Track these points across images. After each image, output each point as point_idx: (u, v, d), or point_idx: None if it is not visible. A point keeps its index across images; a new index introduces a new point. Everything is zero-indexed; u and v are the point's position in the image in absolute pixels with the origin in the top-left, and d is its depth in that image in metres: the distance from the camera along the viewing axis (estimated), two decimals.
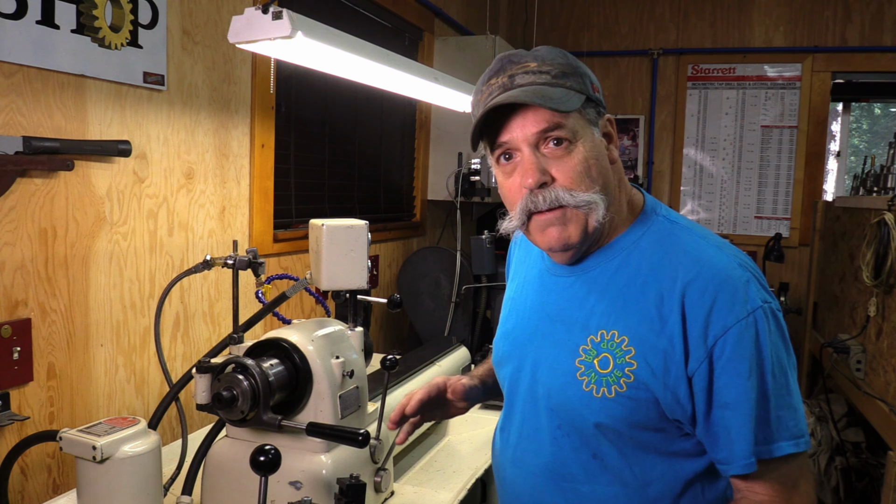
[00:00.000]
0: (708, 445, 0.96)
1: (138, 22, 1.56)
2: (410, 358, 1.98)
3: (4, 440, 1.36)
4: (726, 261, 0.96)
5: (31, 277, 1.39)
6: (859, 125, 7.47)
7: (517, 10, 4.21)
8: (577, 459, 1.02)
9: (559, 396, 1.03)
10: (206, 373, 1.24)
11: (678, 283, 0.94)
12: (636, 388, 0.95)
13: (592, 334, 1.00)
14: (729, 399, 0.92)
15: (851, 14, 3.69)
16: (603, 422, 0.98)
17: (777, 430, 0.92)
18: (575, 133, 0.96)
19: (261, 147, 2.03)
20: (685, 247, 0.98)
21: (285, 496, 1.23)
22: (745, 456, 0.92)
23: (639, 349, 0.95)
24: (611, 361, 0.97)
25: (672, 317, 0.94)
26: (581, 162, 0.96)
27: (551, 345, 1.05)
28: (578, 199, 0.96)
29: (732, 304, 0.91)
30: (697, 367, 0.92)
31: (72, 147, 1.41)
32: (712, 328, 0.92)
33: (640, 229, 1.03)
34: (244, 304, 1.97)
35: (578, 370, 1.00)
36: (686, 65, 3.97)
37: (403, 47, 2.97)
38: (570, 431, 1.02)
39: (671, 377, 0.94)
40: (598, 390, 0.97)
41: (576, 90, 0.97)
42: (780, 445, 0.92)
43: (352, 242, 1.33)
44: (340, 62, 1.48)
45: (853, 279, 2.67)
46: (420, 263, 2.85)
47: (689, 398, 0.94)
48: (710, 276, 0.93)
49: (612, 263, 1.02)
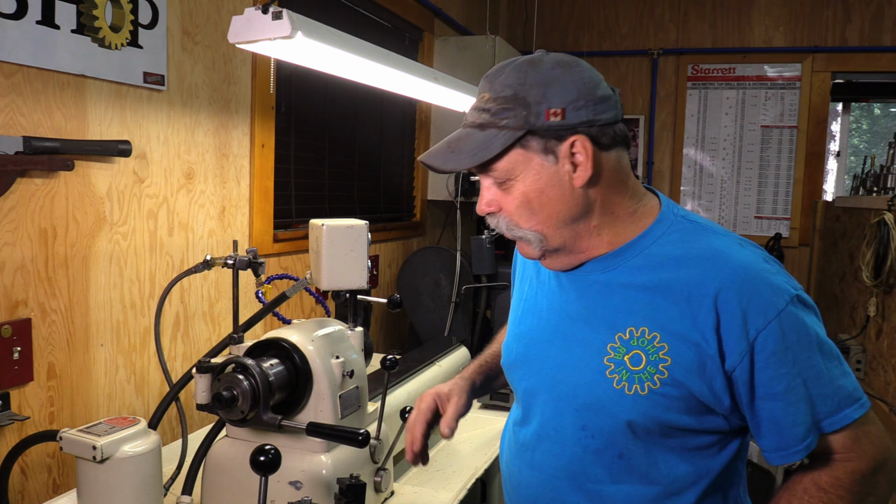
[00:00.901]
0: (755, 433, 0.98)
1: (138, 22, 1.56)
2: (410, 358, 1.98)
3: (4, 440, 1.36)
4: (752, 256, 0.97)
5: (31, 277, 1.39)
6: (859, 125, 7.47)
7: (517, 10, 4.21)
8: (602, 460, 1.01)
9: (587, 396, 1.01)
10: (206, 373, 1.24)
11: (709, 280, 0.95)
12: (670, 384, 0.95)
13: (621, 332, 0.99)
14: (778, 390, 0.93)
15: (851, 14, 3.69)
16: (635, 419, 0.97)
17: (840, 400, 0.94)
18: (508, 172, 0.99)
19: (261, 147, 2.03)
20: (710, 244, 0.99)
21: (285, 496, 1.23)
22: (801, 439, 0.93)
23: (671, 345, 0.95)
24: (643, 358, 0.97)
25: (703, 313, 0.94)
26: (518, 198, 0.99)
27: (576, 344, 1.04)
28: (514, 233, 1.02)
29: (771, 297, 0.93)
30: (739, 361, 0.93)
31: (72, 147, 1.41)
32: (752, 322, 0.92)
33: (660, 229, 1.03)
34: (244, 304, 1.97)
35: (608, 368, 0.99)
36: (686, 65, 3.97)
37: (403, 47, 2.97)
38: (595, 432, 1.01)
39: (707, 371, 0.94)
40: (631, 387, 0.97)
41: (511, 127, 0.96)
42: (846, 413, 0.94)
43: (352, 242, 1.33)
44: (340, 62, 1.48)
45: (853, 279, 2.67)
46: (420, 263, 2.85)
47: (726, 391, 0.95)
48: (744, 272, 0.94)
49: (632, 262, 1.02)
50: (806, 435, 0.93)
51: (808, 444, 0.93)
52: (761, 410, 0.95)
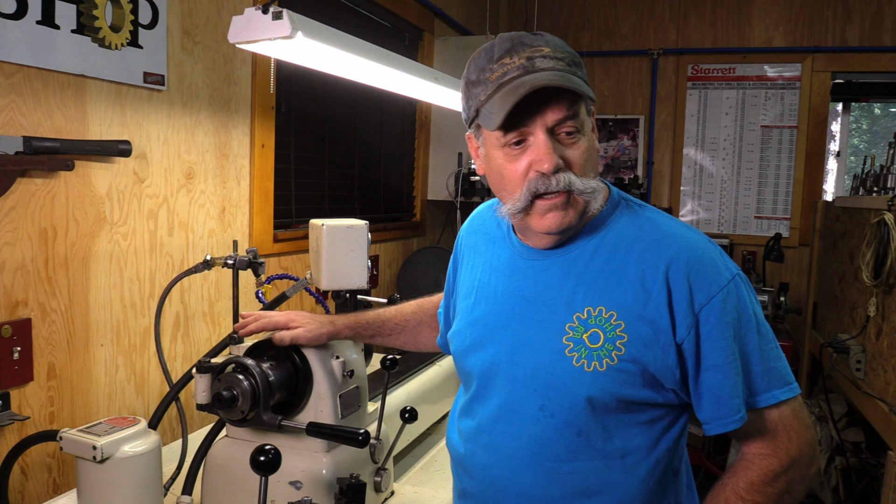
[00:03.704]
0: (696, 406, 1.02)
1: (138, 22, 1.56)
2: (410, 358, 1.98)
3: (4, 440, 1.36)
4: (698, 237, 1.04)
5: (31, 277, 1.39)
6: (859, 125, 7.47)
7: (517, 10, 4.21)
8: (561, 438, 1.03)
9: (546, 375, 1.03)
10: (206, 373, 1.24)
11: (660, 259, 1.00)
12: (627, 360, 0.99)
13: (578, 312, 1.02)
14: (718, 361, 0.98)
15: (851, 14, 3.69)
16: (594, 395, 1.00)
17: (770, 380, 1.00)
18: (582, 124, 1.00)
19: (261, 147, 2.03)
20: (659, 226, 1.05)
21: (285, 496, 1.23)
22: (736, 410, 0.99)
23: (628, 322, 1.00)
24: (601, 336, 1.00)
25: (656, 289, 0.99)
26: (586, 150, 1.01)
27: (533, 326, 1.06)
28: (587, 185, 1.00)
29: (714, 275, 0.99)
30: (686, 334, 0.98)
31: (72, 147, 1.41)
32: (697, 297, 0.98)
33: (610, 212, 1.08)
34: (244, 304, 1.97)
35: (567, 347, 1.02)
36: (686, 65, 3.97)
37: (403, 47, 2.97)
38: (554, 411, 1.03)
39: (660, 345, 0.99)
40: (590, 364, 1.00)
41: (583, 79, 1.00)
42: (774, 394, 1.00)
43: (352, 242, 1.33)
44: (340, 62, 1.48)
45: (853, 279, 2.67)
46: (420, 263, 2.85)
47: (678, 364, 1.00)
48: (690, 251, 1.00)
49: (589, 244, 1.06)
50: (740, 407, 0.99)
51: (741, 416, 0.99)
52: (703, 381, 1.00)
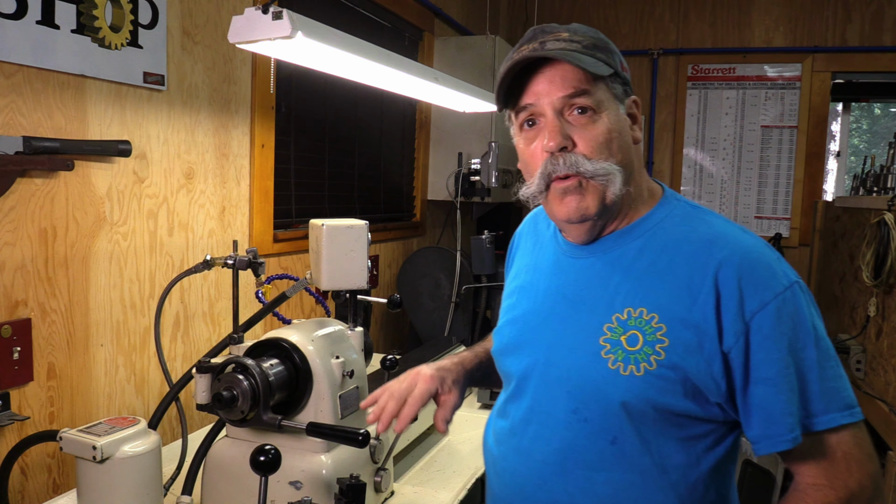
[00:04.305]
0: (745, 423, 0.95)
1: (138, 22, 1.56)
2: (410, 358, 1.98)
3: (4, 440, 1.36)
4: (754, 241, 0.97)
5: (31, 277, 1.39)
6: (859, 125, 7.47)
7: (517, 10, 4.21)
8: (594, 446, 0.98)
9: (580, 377, 0.99)
10: (206, 373, 1.24)
11: (710, 260, 0.94)
12: (666, 366, 0.93)
13: (618, 312, 0.98)
14: (770, 374, 0.91)
15: (851, 14, 3.68)
16: (629, 401, 0.95)
17: (829, 401, 0.91)
18: (600, 103, 0.97)
19: (261, 147, 2.03)
20: (712, 227, 0.99)
21: (285, 496, 1.23)
22: (789, 430, 0.90)
23: (670, 326, 0.94)
24: (640, 338, 0.95)
25: (703, 292, 0.93)
26: (603, 132, 0.97)
27: (571, 326, 1.02)
28: (596, 167, 0.96)
29: (770, 280, 0.92)
30: (735, 342, 0.92)
31: (72, 147, 1.40)
32: (749, 303, 0.91)
33: (663, 211, 1.03)
34: (244, 304, 1.97)
35: (603, 348, 0.97)
36: (686, 65, 3.97)
37: (403, 47, 2.97)
38: (588, 416, 0.98)
39: (704, 353, 0.93)
40: (626, 367, 0.95)
41: (604, 62, 0.98)
42: (834, 417, 0.91)
43: (352, 242, 1.33)
44: (340, 62, 1.48)
45: (853, 279, 2.67)
46: (420, 263, 2.85)
47: (724, 375, 0.93)
48: (744, 253, 0.94)
49: (635, 243, 1.01)
50: (794, 426, 0.91)
51: (794, 437, 0.91)
52: (753, 395, 0.92)
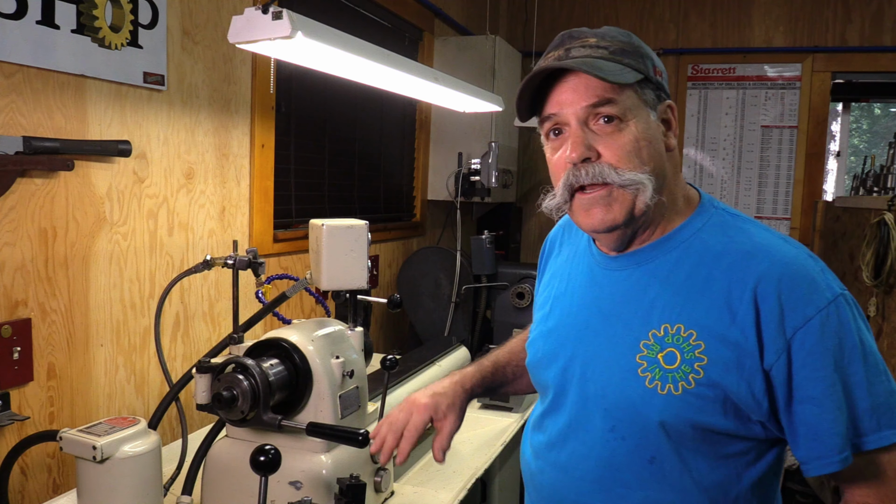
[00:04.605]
0: (792, 444, 0.92)
1: (138, 22, 1.56)
2: (410, 358, 1.98)
3: (4, 440, 1.36)
4: (796, 252, 0.93)
5: (31, 277, 1.39)
6: (859, 125, 7.47)
7: (517, 10, 4.21)
8: (632, 465, 0.96)
9: (616, 395, 0.96)
10: (206, 373, 1.24)
11: (749, 273, 0.91)
12: (705, 384, 0.90)
13: (654, 328, 0.95)
14: (815, 393, 0.87)
15: (851, 14, 3.68)
16: (667, 420, 0.92)
17: (881, 417, 0.87)
18: (627, 111, 0.94)
19: (261, 147, 2.03)
20: (752, 237, 0.95)
21: (285, 496, 1.23)
22: (838, 451, 0.87)
23: (708, 343, 0.91)
24: (678, 356, 0.92)
25: (743, 308, 0.90)
26: (631, 141, 0.93)
27: (606, 341, 0.99)
28: (624, 177, 0.92)
29: (812, 294, 0.88)
30: (776, 359, 0.88)
31: (72, 147, 1.40)
32: (790, 319, 0.88)
33: (700, 221, 1.00)
34: (244, 304, 1.97)
35: (640, 366, 0.94)
36: (686, 65, 3.97)
37: (403, 47, 2.97)
38: (626, 434, 0.96)
39: (745, 371, 0.89)
40: (664, 387, 0.92)
41: (633, 68, 0.95)
42: (886, 434, 0.87)
43: (352, 242, 1.33)
44: (340, 62, 1.48)
45: (853, 279, 2.67)
46: (420, 263, 2.85)
47: (765, 393, 0.90)
48: (784, 266, 0.90)
49: (671, 255, 0.98)
50: (843, 447, 0.87)
51: (844, 458, 0.87)
52: (797, 414, 0.89)
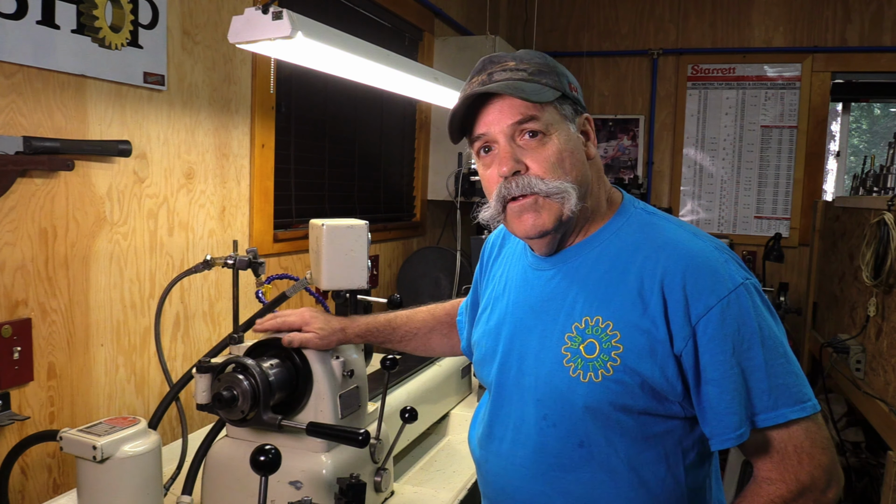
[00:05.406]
0: (701, 421, 1.00)
1: (138, 22, 1.56)
2: (410, 358, 1.98)
3: (4, 440, 1.36)
4: (703, 245, 1.01)
5: (31, 277, 1.39)
6: (859, 125, 7.48)
7: (517, 10, 4.21)
8: (563, 449, 1.04)
9: (546, 386, 1.05)
10: (206, 373, 1.24)
11: (658, 266, 0.99)
12: (622, 371, 0.98)
13: (577, 321, 1.03)
14: (715, 375, 0.96)
15: (851, 14, 3.69)
16: (591, 406, 1.00)
17: (778, 397, 0.95)
18: (549, 126, 1.01)
19: (261, 147, 2.03)
20: (663, 233, 1.03)
21: (285, 496, 1.23)
22: (734, 428, 0.95)
23: (624, 333, 0.99)
24: (597, 346, 1.00)
25: (653, 299, 0.98)
26: (555, 153, 1.01)
27: (537, 336, 1.08)
28: (550, 186, 1.00)
29: (714, 284, 0.96)
30: (684, 346, 0.96)
31: (72, 147, 1.41)
32: (694, 308, 0.96)
33: (619, 221, 1.08)
34: (244, 304, 1.97)
35: (565, 357, 1.03)
36: (686, 65, 3.97)
37: (403, 47, 2.97)
38: (556, 421, 1.04)
39: (658, 357, 0.97)
40: (585, 375, 1.00)
41: (550, 86, 1.02)
42: (783, 412, 0.95)
43: (352, 242, 1.33)
44: (340, 62, 1.48)
45: (853, 279, 2.67)
46: (420, 263, 2.85)
47: (678, 376, 0.98)
48: (689, 259, 0.98)
49: (592, 254, 1.06)
50: (739, 425, 0.95)
51: (740, 434, 0.95)
52: (703, 395, 0.97)
